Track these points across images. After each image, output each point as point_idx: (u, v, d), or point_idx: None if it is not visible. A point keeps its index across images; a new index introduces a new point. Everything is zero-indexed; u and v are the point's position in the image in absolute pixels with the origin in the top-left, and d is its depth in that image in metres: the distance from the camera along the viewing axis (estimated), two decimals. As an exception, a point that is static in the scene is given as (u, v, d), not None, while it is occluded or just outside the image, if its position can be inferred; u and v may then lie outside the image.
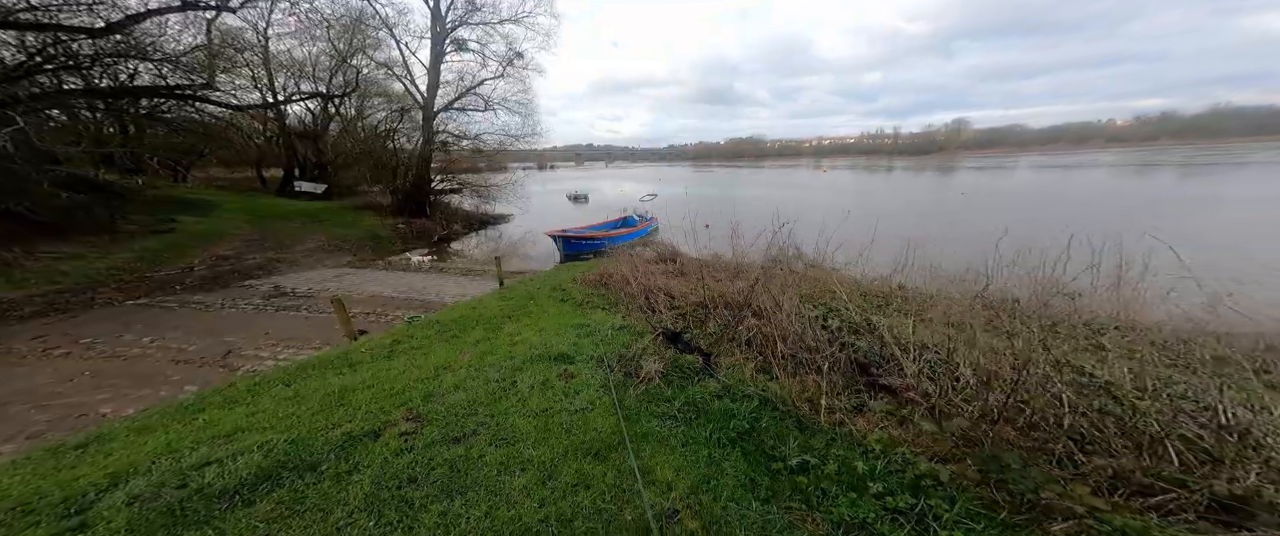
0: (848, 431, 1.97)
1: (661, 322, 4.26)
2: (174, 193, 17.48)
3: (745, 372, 2.71)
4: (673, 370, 2.88)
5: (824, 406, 2.11)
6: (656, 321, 4.27)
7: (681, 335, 3.53)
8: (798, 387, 2.35)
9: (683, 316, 4.47)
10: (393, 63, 19.63)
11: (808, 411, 2.16)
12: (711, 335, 3.62)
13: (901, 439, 1.82)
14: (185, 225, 12.61)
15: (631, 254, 8.06)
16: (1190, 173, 37.13)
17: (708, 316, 4.26)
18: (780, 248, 3.78)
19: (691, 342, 3.46)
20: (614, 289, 6.33)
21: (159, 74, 13.94)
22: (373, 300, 7.67)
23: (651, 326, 3.98)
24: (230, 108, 16.59)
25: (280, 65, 19.85)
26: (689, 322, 4.23)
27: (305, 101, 20.41)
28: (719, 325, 3.65)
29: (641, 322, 4.33)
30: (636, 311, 4.80)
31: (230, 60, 16.75)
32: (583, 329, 4.28)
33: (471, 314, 5.57)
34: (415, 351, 4.21)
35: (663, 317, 4.51)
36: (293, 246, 12.02)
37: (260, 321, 6.39)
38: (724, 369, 2.85)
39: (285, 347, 5.38)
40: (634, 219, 17.81)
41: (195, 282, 8.38)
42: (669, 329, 3.75)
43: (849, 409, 2.13)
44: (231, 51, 16.70)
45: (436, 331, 4.85)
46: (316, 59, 20.04)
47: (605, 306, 5.33)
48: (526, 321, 4.97)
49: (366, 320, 6.53)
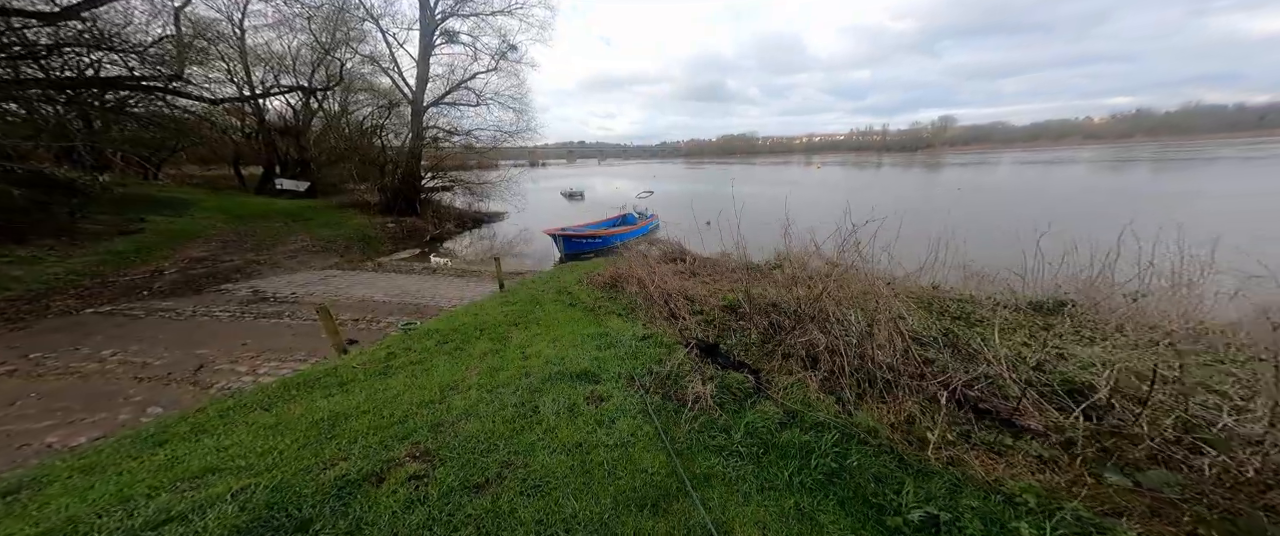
0: (970, 474, 1.61)
1: (689, 331, 3.87)
2: (145, 191, 16.51)
3: (808, 394, 2.34)
4: (722, 392, 2.49)
5: (932, 440, 1.73)
6: (684, 330, 3.88)
7: (718, 347, 3.15)
8: (887, 415, 1.98)
9: (709, 324, 4.09)
10: (379, 56, 18.82)
11: (907, 446, 1.79)
12: (750, 346, 3.24)
13: (1060, 489, 1.46)
14: (156, 225, 11.81)
15: (642, 254, 7.64)
16: (1168, 168, 38.09)
17: (739, 323, 3.89)
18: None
19: (731, 356, 3.08)
20: (626, 292, 5.91)
21: (126, 66, 13.07)
22: (363, 305, 7.13)
23: (681, 337, 3.58)
24: (202, 101, 15.65)
25: (258, 58, 18.87)
26: (718, 331, 3.85)
27: (285, 95, 19.43)
28: (759, 334, 3.27)
29: (667, 331, 3.93)
30: (658, 318, 4.40)
31: (202, 52, 15.82)
32: (602, 340, 3.87)
33: (473, 321, 5.11)
34: (414, 367, 3.75)
35: (687, 325, 4.12)
36: (274, 247, 11.31)
37: (237, 330, 5.83)
38: (780, 390, 2.48)
39: (266, 360, 4.85)
40: (633, 216, 17.38)
41: (165, 287, 7.72)
42: (703, 340, 3.36)
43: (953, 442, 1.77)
44: (204, 43, 15.76)
45: (436, 342, 4.38)
46: (298, 52, 19.10)
47: (620, 312, 4.92)
48: (536, 330, 4.53)
49: (357, 328, 6.01)
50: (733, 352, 3.14)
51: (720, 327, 3.90)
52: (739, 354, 3.13)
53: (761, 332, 3.29)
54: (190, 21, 15.72)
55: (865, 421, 1.98)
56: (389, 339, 4.86)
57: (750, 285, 5.51)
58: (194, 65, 15.47)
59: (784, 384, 2.49)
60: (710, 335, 3.67)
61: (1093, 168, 44.11)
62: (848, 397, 2.20)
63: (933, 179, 39.18)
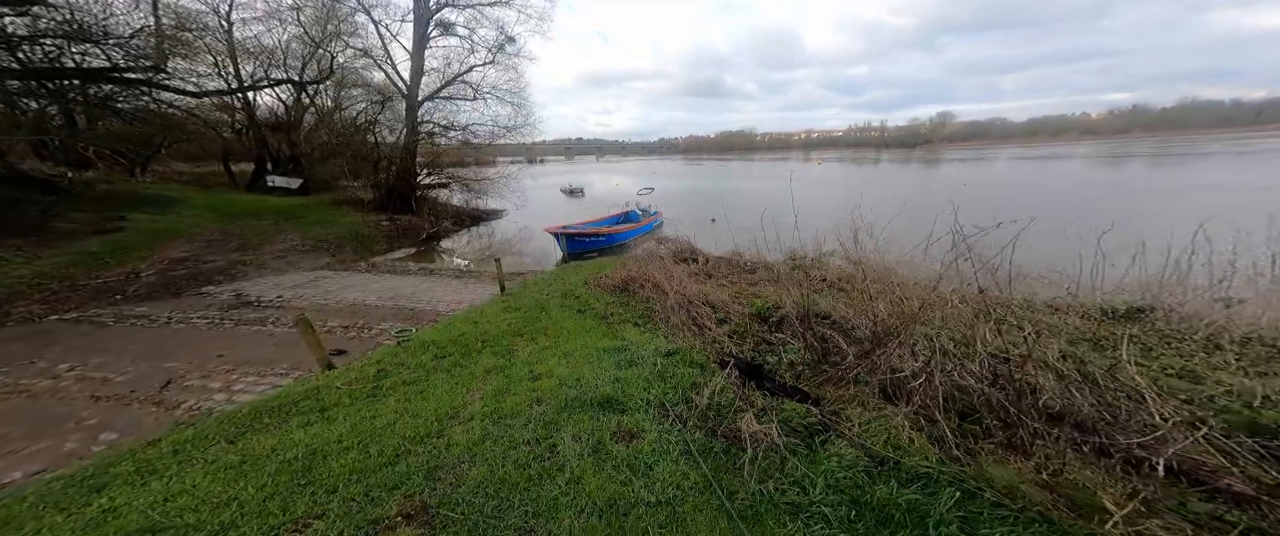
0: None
1: (719, 344, 3.41)
2: (131, 188, 15.92)
3: (896, 434, 1.88)
4: (782, 428, 2.03)
5: (1115, 513, 1.27)
6: (714, 344, 3.42)
7: (763, 369, 2.68)
8: (1026, 469, 1.52)
9: (740, 336, 3.63)
10: (372, 49, 18.16)
11: (1070, 516, 1.34)
12: (799, 367, 2.79)
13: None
14: (137, 223, 11.24)
15: (656, 255, 7.17)
16: (1169, 163, 37.85)
17: (775, 335, 3.43)
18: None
19: (778, 379, 2.62)
20: (639, 297, 5.44)
21: (107, 59, 12.49)
22: (353, 310, 6.64)
23: (714, 353, 3.12)
24: (185, 94, 15.00)
25: (247, 52, 18.25)
26: (753, 345, 3.39)
27: (274, 87, 18.78)
28: (810, 352, 2.81)
29: (694, 346, 3.47)
30: (680, 329, 3.94)
31: (187, 45, 15.19)
32: (620, 356, 3.40)
33: (473, 330, 4.64)
34: (408, 387, 3.28)
35: (715, 336, 3.66)
36: (261, 247, 10.77)
37: (214, 339, 5.33)
38: (855, 427, 2.02)
39: (242, 375, 4.37)
40: (636, 213, 16.88)
41: (140, 291, 7.19)
42: (741, 358, 2.90)
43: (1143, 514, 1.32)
44: (188, 35, 15.11)
45: (433, 356, 3.91)
46: (288, 46, 18.51)
47: (636, 321, 4.45)
48: (544, 342, 4.06)
49: (345, 337, 5.52)
50: (778, 374, 2.68)
51: (754, 341, 3.44)
52: (784, 375, 2.67)
53: (813, 350, 2.83)
54: (174, 13, 15.06)
55: (996, 476, 1.53)
56: (380, 351, 4.38)
57: (780, 290, 5.07)
58: (179, 58, 14.88)
59: (859, 418, 2.03)
60: (744, 350, 3.21)
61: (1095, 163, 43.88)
62: (950, 441, 1.75)
63: (936, 174, 38.83)
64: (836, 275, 5.65)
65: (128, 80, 13.31)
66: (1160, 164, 37.71)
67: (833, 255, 7.58)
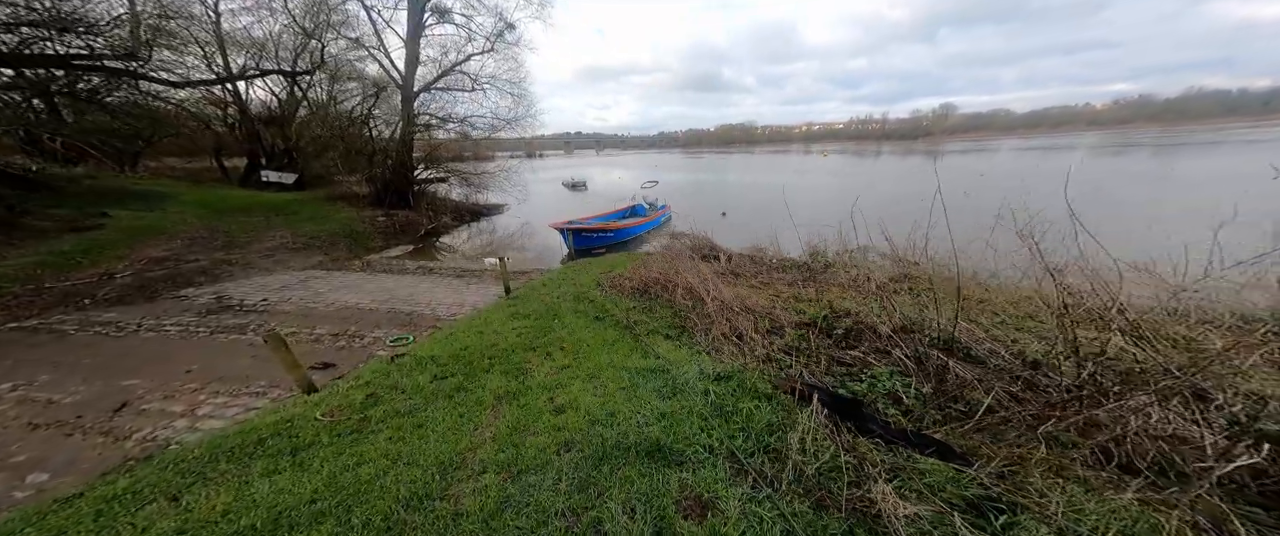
0: None
1: (778, 364, 2.81)
2: (119, 184, 15.29)
3: (1132, 525, 1.28)
4: (922, 497, 1.44)
5: None
6: (770, 363, 2.81)
7: (861, 405, 2.06)
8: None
9: (800, 353, 3.02)
10: (365, 37, 17.37)
11: None
12: (904, 398, 2.18)
13: None
14: (120, 220, 10.62)
15: (682, 254, 6.55)
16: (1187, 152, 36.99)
17: (843, 351, 2.83)
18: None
19: (882, 420, 2.00)
20: (662, 300, 4.84)
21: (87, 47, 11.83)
22: (345, 314, 6.04)
23: (782, 380, 2.51)
24: (168, 84, 14.31)
25: (237, 44, 17.60)
26: (822, 365, 2.79)
27: (263, 77, 18.06)
28: (926, 381, 2.19)
29: (746, 365, 2.87)
30: (724, 344, 3.33)
31: (174, 35, 14.51)
32: (658, 379, 2.80)
33: (478, 342, 4.04)
34: (402, 420, 2.68)
35: (768, 352, 3.06)
36: (249, 245, 10.15)
37: (186, 350, 4.73)
38: (1041, 501, 1.42)
39: (212, 395, 3.78)
40: (643, 207, 16.22)
41: (113, 294, 6.59)
42: (824, 388, 2.28)
43: None
44: (172, 24, 14.41)
45: (432, 376, 3.31)
46: (279, 37, 17.79)
47: (667, 332, 3.84)
48: (562, 358, 3.46)
49: (334, 347, 4.92)
50: (871, 408, 2.07)
51: (822, 361, 2.84)
52: (891, 415, 2.06)
53: (917, 377, 2.22)
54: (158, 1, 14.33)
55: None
56: (371, 368, 3.79)
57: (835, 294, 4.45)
58: (165, 50, 14.25)
59: (1061, 499, 1.42)
60: (815, 373, 2.61)
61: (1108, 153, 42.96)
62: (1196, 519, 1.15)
63: (945, 165, 38.02)
64: (885, 276, 5.02)
65: (105, 68, 12.63)
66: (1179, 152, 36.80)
67: (866, 252, 6.98)
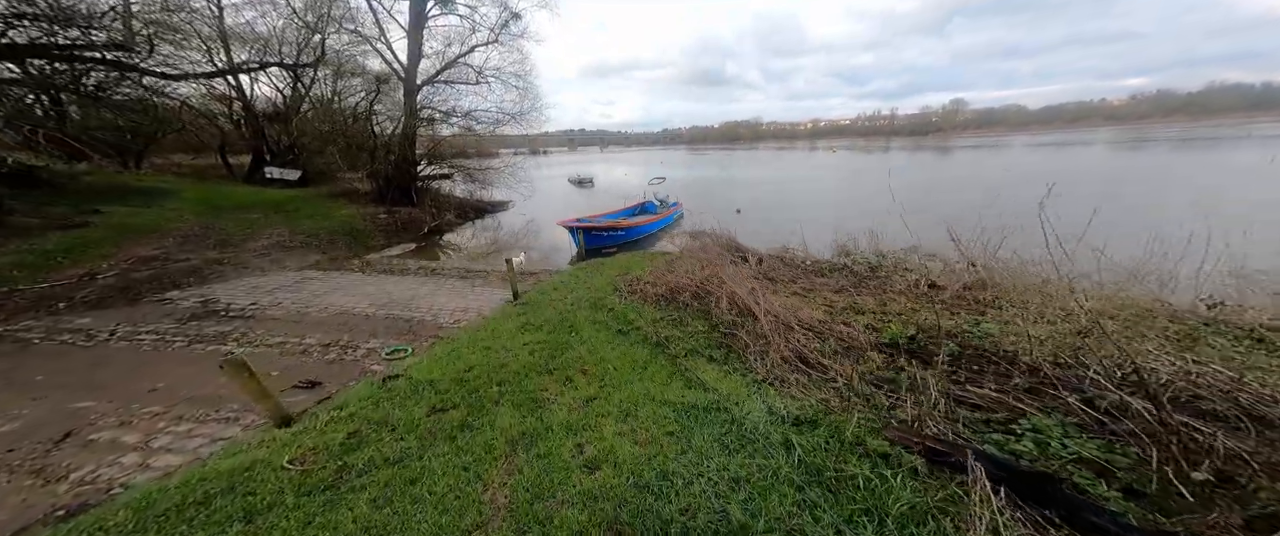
0: None
1: (874, 406, 2.18)
2: (122, 180, 15.01)
3: None
4: None
5: None
6: (855, 400, 2.19)
7: (1056, 481, 1.40)
8: None
9: (891, 387, 2.40)
10: (364, 25, 16.84)
11: None
12: (1121, 465, 1.55)
13: None
14: (112, 217, 10.21)
15: (716, 256, 5.92)
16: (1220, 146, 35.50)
17: (955, 380, 2.20)
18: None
19: (1102, 508, 1.37)
20: (693, 310, 4.22)
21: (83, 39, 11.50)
22: (338, 321, 5.49)
23: (902, 432, 1.88)
24: (166, 77, 13.92)
25: (241, 39, 17.30)
26: (916, 399, 2.16)
27: (263, 71, 17.64)
28: (1120, 441, 1.55)
29: (825, 403, 2.25)
30: (785, 370, 2.71)
31: (175, 29, 14.18)
32: (716, 421, 2.19)
33: (484, 361, 3.45)
34: (390, 473, 2.10)
35: (850, 381, 2.43)
36: (243, 243, 9.67)
37: (158, 364, 4.21)
38: None
39: (175, 422, 3.23)
40: (654, 204, 15.56)
41: (92, 297, 6.11)
42: (981, 451, 1.64)
43: None
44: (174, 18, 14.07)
45: (429, 408, 2.73)
46: (282, 32, 17.45)
47: (707, 350, 3.23)
48: (586, 386, 2.86)
49: (323, 359, 4.36)
50: (1073, 486, 1.44)
51: (922, 395, 2.21)
52: (1082, 487, 1.43)
53: (1129, 437, 1.58)
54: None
55: None
56: (358, 393, 3.21)
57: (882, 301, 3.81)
58: (165, 43, 13.97)
59: None
60: (927, 414, 1.99)
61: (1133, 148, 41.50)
62: None
63: (963, 161, 36.89)
64: (956, 283, 4.36)
65: (100, 59, 12.23)
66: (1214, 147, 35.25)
67: (913, 253, 6.31)
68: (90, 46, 11.59)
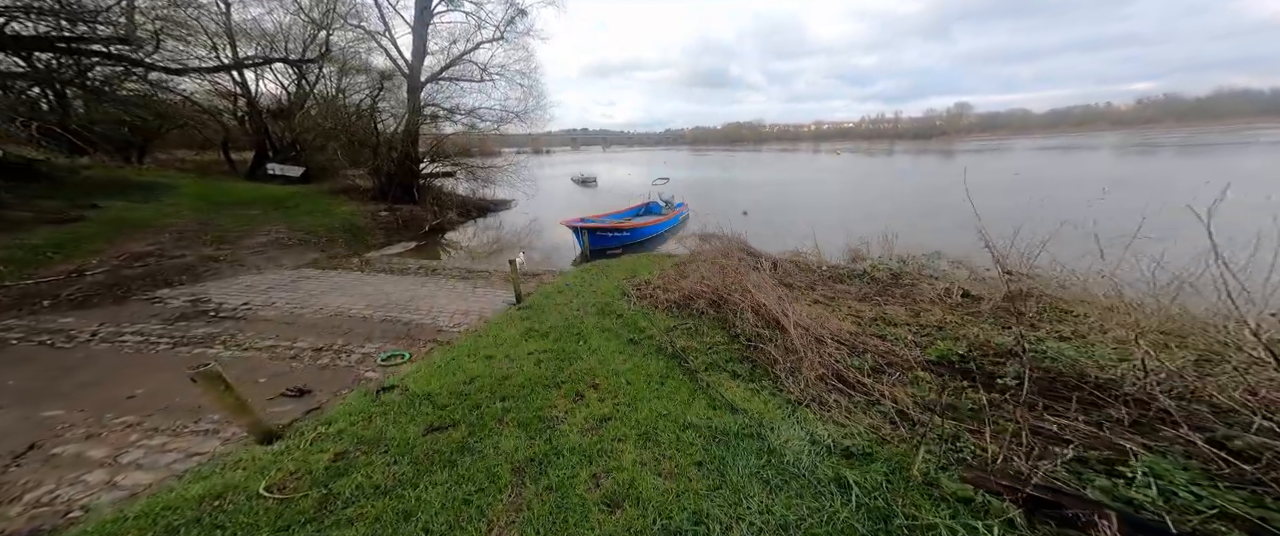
0: None
1: (924, 423, 1.91)
2: (122, 175, 14.88)
3: None
4: None
5: None
6: (905, 419, 1.92)
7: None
8: None
9: (951, 412, 2.12)
10: (368, 20, 16.65)
11: None
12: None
13: None
14: (108, 212, 10.00)
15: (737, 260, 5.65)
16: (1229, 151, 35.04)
17: (1047, 416, 1.92)
18: None
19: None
20: (709, 319, 3.95)
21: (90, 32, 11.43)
22: (333, 323, 5.24)
23: (983, 474, 1.60)
24: (169, 71, 13.79)
25: (247, 36, 17.20)
26: (982, 426, 1.89)
27: (266, 66, 17.48)
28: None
29: (877, 430, 1.98)
30: (818, 386, 2.43)
31: (181, 24, 14.10)
32: (748, 449, 1.92)
33: (486, 372, 3.18)
34: (380, 505, 1.82)
35: (901, 406, 2.15)
36: (240, 240, 9.43)
37: (137, 368, 3.96)
38: None
39: (150, 433, 2.97)
40: (658, 205, 15.29)
41: (79, 294, 5.87)
42: (1156, 523, 1.35)
43: None
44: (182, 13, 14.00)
45: (425, 426, 2.46)
46: (289, 29, 17.34)
47: (733, 367, 2.96)
48: (598, 403, 2.59)
49: (314, 365, 4.10)
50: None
51: (982, 421, 1.94)
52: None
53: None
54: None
55: None
56: (348, 406, 2.95)
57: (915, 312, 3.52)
58: (170, 38, 13.92)
59: None
60: (1005, 447, 1.71)
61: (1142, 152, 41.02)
62: None
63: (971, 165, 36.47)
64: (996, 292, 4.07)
65: (100, 52, 12.07)
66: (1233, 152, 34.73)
67: (936, 258, 6.02)
68: (93, 40, 11.46)
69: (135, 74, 14.87)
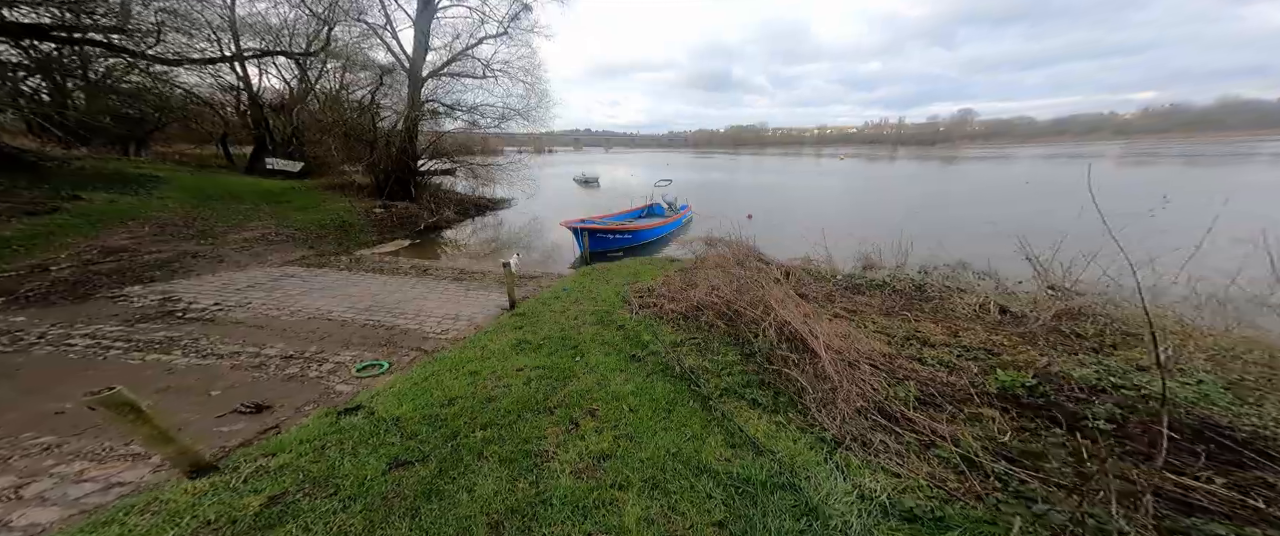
0: None
1: (1000, 476, 1.49)
2: (116, 167, 14.60)
3: None
4: None
5: None
6: (974, 468, 1.50)
7: None
8: None
9: (1034, 460, 1.70)
10: (372, 17, 16.32)
11: None
12: None
13: None
14: (89, 205, 9.63)
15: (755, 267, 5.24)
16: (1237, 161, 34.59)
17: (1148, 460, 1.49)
18: None
19: None
20: (719, 332, 3.54)
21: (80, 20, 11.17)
22: (310, 327, 4.82)
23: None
24: (165, 62, 13.48)
25: (252, 30, 16.96)
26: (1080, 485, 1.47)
27: (263, 58, 17.17)
28: None
29: (942, 483, 1.56)
30: (857, 421, 2.02)
31: (182, 16, 13.87)
32: (782, 507, 1.51)
33: (469, 390, 2.76)
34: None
35: (966, 447, 1.74)
36: (225, 235, 9.04)
37: (78, 376, 3.54)
38: None
39: (69, 458, 2.55)
40: (661, 207, 14.88)
41: (37, 292, 5.47)
42: None
43: None
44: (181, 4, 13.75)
45: (389, 460, 2.03)
46: (294, 25, 17.09)
47: (745, 389, 2.54)
48: (594, 434, 2.16)
49: (281, 375, 3.68)
50: None
51: (1080, 477, 1.52)
52: None
53: None
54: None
55: None
56: (301, 433, 2.51)
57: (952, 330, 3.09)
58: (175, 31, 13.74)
59: None
60: (1123, 513, 1.30)
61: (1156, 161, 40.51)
62: None
63: (977, 172, 36.09)
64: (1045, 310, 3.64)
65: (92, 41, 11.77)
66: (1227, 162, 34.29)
67: (961, 270, 5.60)
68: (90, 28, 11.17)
69: (136, 66, 14.66)
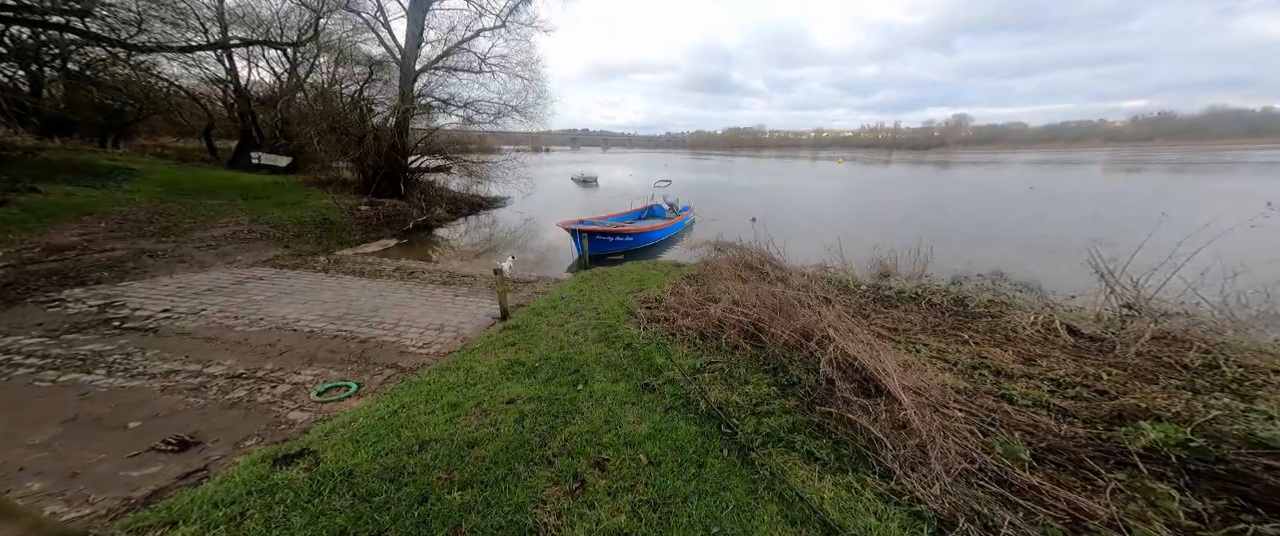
0: None
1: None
2: (86, 158, 13.88)
3: None
4: None
5: None
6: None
7: None
8: None
9: None
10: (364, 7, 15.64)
11: None
12: None
13: None
14: (48, 197, 8.94)
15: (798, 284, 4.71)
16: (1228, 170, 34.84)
17: None
18: None
19: None
20: (743, 353, 3.01)
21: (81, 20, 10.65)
22: (270, 340, 4.22)
23: None
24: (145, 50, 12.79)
25: (242, 22, 16.33)
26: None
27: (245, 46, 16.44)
28: None
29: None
30: (961, 485, 1.50)
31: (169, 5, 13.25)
32: None
33: (448, 429, 2.18)
34: None
35: None
36: (191, 232, 8.35)
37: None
38: None
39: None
40: (661, 208, 14.35)
41: (-38, 295, 4.81)
42: None
43: None
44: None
45: (342, 528, 1.48)
46: (285, 17, 16.46)
47: (792, 434, 2.01)
48: (602, 495, 1.59)
49: (222, 399, 3.08)
50: None
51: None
52: None
53: None
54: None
55: None
56: (212, 495, 1.92)
57: (1025, 360, 2.57)
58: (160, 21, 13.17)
59: None
60: None
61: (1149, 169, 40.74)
62: None
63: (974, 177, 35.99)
64: (1127, 334, 3.13)
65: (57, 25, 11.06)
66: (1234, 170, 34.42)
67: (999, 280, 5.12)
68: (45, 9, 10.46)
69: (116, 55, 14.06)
